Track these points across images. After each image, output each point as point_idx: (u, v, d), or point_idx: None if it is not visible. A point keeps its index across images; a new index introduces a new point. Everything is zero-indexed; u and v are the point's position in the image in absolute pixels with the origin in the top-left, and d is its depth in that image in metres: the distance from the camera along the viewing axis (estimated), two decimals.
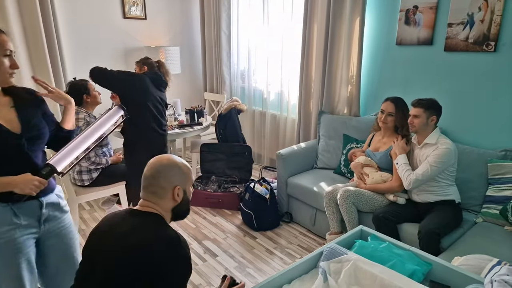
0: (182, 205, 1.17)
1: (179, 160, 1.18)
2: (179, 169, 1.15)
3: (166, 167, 1.14)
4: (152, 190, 1.13)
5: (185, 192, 1.17)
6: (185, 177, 1.17)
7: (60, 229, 1.46)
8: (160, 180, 1.12)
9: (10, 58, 1.25)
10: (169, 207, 1.15)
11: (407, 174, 2.14)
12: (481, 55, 2.30)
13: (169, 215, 1.16)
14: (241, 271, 2.31)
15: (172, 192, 1.13)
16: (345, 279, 1.24)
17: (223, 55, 4.20)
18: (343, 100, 3.07)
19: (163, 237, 1.04)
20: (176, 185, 1.13)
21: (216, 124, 3.48)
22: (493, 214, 2.09)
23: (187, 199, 1.19)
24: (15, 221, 1.29)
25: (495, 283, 1.03)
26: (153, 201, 1.13)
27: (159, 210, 1.13)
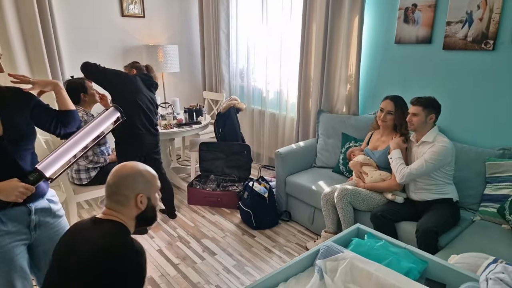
0: (147, 212, 1.18)
1: (143, 167, 1.19)
2: (142, 176, 1.16)
3: (128, 175, 1.14)
4: (115, 198, 1.14)
5: (149, 199, 1.18)
6: (149, 184, 1.17)
7: (53, 235, 1.42)
8: (122, 188, 1.13)
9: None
10: (133, 215, 1.16)
11: (401, 168, 2.14)
12: (479, 53, 2.29)
13: (133, 222, 1.17)
14: (239, 270, 2.32)
15: (135, 200, 1.14)
16: (341, 277, 1.24)
17: (222, 54, 4.20)
18: (342, 99, 3.07)
19: (120, 245, 1.05)
20: (138, 192, 1.14)
21: (215, 123, 3.48)
22: (491, 212, 2.09)
23: (152, 206, 1.20)
24: (2, 228, 1.25)
25: (490, 281, 1.03)
26: (116, 210, 1.14)
27: (122, 218, 1.14)
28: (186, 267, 2.34)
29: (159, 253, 2.49)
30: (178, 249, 2.54)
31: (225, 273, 2.29)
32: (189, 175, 3.87)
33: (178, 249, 2.54)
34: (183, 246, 2.59)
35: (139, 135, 2.60)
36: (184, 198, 3.33)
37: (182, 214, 3.06)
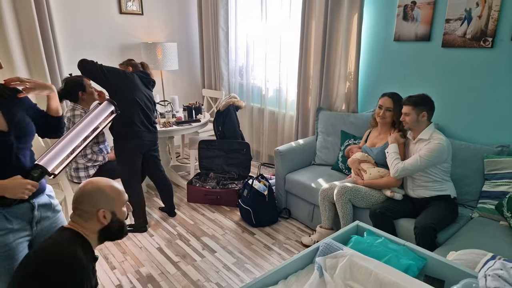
0: (111, 226, 1.22)
1: (105, 183, 1.22)
2: (103, 193, 1.20)
3: (89, 191, 1.20)
4: (78, 213, 1.20)
5: (114, 213, 1.22)
6: (111, 200, 1.21)
7: (53, 229, 1.42)
8: (84, 204, 1.19)
9: None
10: (96, 229, 1.21)
11: (396, 163, 2.16)
12: (478, 51, 2.30)
13: (95, 236, 1.21)
14: (239, 267, 2.33)
15: (97, 215, 1.18)
16: (341, 275, 1.24)
17: (221, 51, 4.19)
18: (341, 97, 3.07)
19: (60, 255, 1.10)
20: (100, 208, 1.18)
21: (214, 121, 3.48)
22: (489, 209, 2.10)
23: (117, 220, 1.23)
24: (7, 226, 1.26)
25: (489, 277, 1.04)
26: (79, 223, 1.20)
27: (83, 231, 1.19)
28: (186, 265, 2.35)
29: (158, 251, 2.50)
30: (178, 247, 2.55)
31: (225, 270, 2.30)
32: (189, 173, 3.88)
33: (178, 247, 2.55)
34: (182, 244, 2.60)
35: (137, 133, 2.60)
36: (184, 196, 3.34)
37: (182, 212, 3.06)
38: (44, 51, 3.24)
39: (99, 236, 1.22)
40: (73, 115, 2.53)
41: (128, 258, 2.41)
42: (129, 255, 2.45)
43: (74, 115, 2.53)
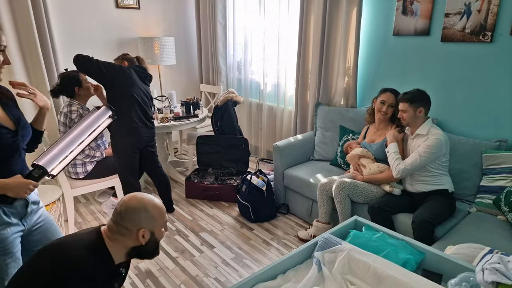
0: (148, 246, 1.18)
1: (152, 201, 1.18)
2: (147, 212, 1.15)
3: (134, 209, 1.14)
4: (117, 228, 1.15)
5: (153, 233, 1.18)
6: (154, 220, 1.17)
7: (41, 222, 1.46)
8: (126, 222, 1.14)
9: (2, 53, 1.24)
10: (130, 245, 1.16)
11: (397, 163, 2.16)
12: (477, 45, 2.29)
13: (124, 251, 1.17)
14: (238, 262, 2.33)
15: (137, 234, 1.14)
16: (339, 269, 1.25)
17: (219, 46, 4.17)
18: (340, 92, 3.06)
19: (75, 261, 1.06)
20: (141, 227, 1.14)
21: (212, 116, 3.46)
22: (487, 204, 2.11)
23: (155, 240, 1.19)
24: (6, 220, 1.28)
25: (486, 271, 1.04)
26: (114, 235, 1.15)
27: (112, 245, 1.14)
28: (185, 260, 2.35)
29: None
30: (177, 243, 2.55)
31: (223, 265, 2.30)
32: (187, 169, 3.87)
33: (176, 243, 2.55)
34: (181, 239, 2.60)
35: (135, 129, 2.58)
36: (182, 192, 3.34)
37: (180, 208, 3.06)
38: (40, 46, 3.21)
39: (130, 252, 1.17)
40: (70, 110, 2.52)
41: None
42: None
43: (71, 110, 2.51)
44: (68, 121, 2.51)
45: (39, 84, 3.31)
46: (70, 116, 2.50)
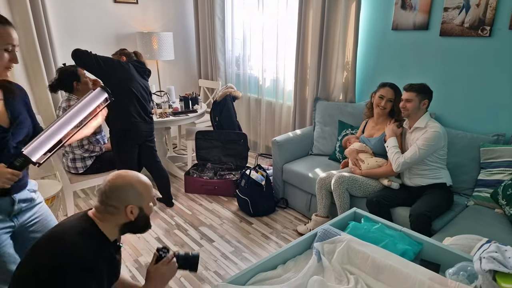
0: (138, 221, 1.18)
1: (135, 178, 1.18)
2: (133, 188, 1.15)
3: (119, 187, 1.14)
4: (104, 207, 1.15)
5: (141, 209, 1.18)
6: (141, 196, 1.17)
7: (37, 219, 1.45)
8: (112, 200, 1.13)
9: (11, 52, 1.21)
10: (120, 222, 1.17)
11: (396, 157, 2.17)
12: (476, 40, 2.30)
13: (116, 229, 1.17)
14: (237, 256, 2.34)
15: (125, 211, 1.14)
16: (338, 259, 1.26)
17: (218, 41, 4.16)
18: (339, 86, 3.07)
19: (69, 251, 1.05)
20: (128, 204, 1.14)
21: (211, 112, 3.46)
22: (484, 197, 2.12)
23: (144, 215, 1.19)
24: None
25: (484, 259, 1.05)
26: (103, 215, 1.15)
27: (104, 225, 1.14)
28: None
29: (157, 241, 2.51)
30: (176, 237, 2.56)
31: (223, 259, 2.31)
32: (186, 164, 3.87)
33: (176, 237, 2.56)
34: (181, 233, 2.61)
35: (134, 124, 2.58)
36: (181, 187, 3.34)
37: (180, 203, 3.07)
38: (38, 41, 3.20)
39: (122, 228, 1.18)
40: (69, 105, 2.51)
41: (127, 248, 2.42)
42: (128, 244, 2.46)
43: (70, 105, 2.51)
44: None
45: (37, 79, 3.30)
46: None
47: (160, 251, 1.24)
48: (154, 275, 1.22)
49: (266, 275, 1.24)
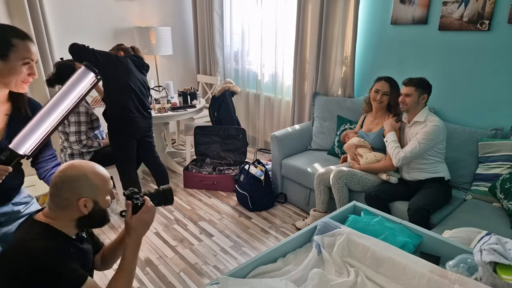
0: (92, 216, 1.09)
1: (91, 169, 1.09)
2: (87, 180, 1.06)
3: (71, 178, 1.05)
4: (55, 200, 1.06)
5: (96, 202, 1.09)
6: (96, 188, 1.08)
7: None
8: (64, 191, 1.05)
9: (30, 67, 1.21)
10: (74, 217, 1.08)
11: (396, 152, 2.18)
12: (475, 34, 2.29)
13: (72, 224, 1.09)
14: (236, 250, 2.35)
15: (77, 204, 1.05)
16: (339, 252, 1.26)
17: (216, 36, 4.13)
18: (338, 81, 3.06)
19: (26, 250, 0.99)
20: (81, 197, 1.05)
21: (210, 107, 3.45)
22: (482, 191, 2.13)
23: (100, 209, 1.10)
24: None
25: (484, 251, 1.06)
26: (55, 212, 1.07)
27: (56, 223, 1.07)
28: (184, 249, 2.36)
29: (156, 236, 2.51)
30: (175, 232, 2.56)
31: (222, 254, 2.32)
32: (185, 159, 3.87)
33: (175, 232, 2.56)
34: (180, 228, 2.61)
35: (132, 119, 2.57)
36: (180, 182, 3.34)
37: (179, 198, 3.07)
38: (35, 35, 3.17)
39: (78, 224, 1.10)
40: None
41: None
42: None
43: None
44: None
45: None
46: None
47: (133, 199, 1.15)
48: (137, 225, 1.14)
49: (266, 268, 1.24)
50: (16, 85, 1.22)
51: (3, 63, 1.17)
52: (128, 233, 1.15)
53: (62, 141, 2.62)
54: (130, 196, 1.15)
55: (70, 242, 1.09)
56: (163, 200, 1.22)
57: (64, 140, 2.59)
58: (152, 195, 1.20)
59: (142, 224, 1.15)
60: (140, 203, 1.15)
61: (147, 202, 1.16)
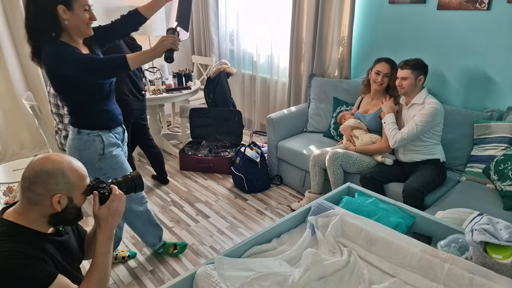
0: (66, 213, 1.04)
1: (69, 164, 1.04)
2: (64, 177, 1.01)
3: (46, 173, 0.99)
4: (27, 195, 1.00)
5: (71, 199, 1.04)
6: (72, 185, 1.03)
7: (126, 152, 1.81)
8: (37, 186, 0.99)
9: (89, 12, 1.48)
10: (45, 214, 1.03)
11: (394, 133, 2.17)
12: (474, 13, 2.25)
13: (44, 220, 1.03)
14: (232, 231, 2.38)
15: (51, 200, 1.00)
16: (332, 232, 1.28)
17: (211, 16, 4.04)
18: (334, 62, 3.02)
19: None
20: (56, 193, 1.00)
21: (205, 89, 3.41)
22: (477, 173, 2.15)
23: (74, 207, 1.05)
24: (117, 142, 1.72)
25: (475, 231, 1.07)
26: (25, 207, 1.02)
27: (25, 221, 1.01)
28: (180, 230, 2.39)
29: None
30: (172, 213, 2.58)
31: (218, 234, 2.34)
32: (180, 142, 3.85)
33: (171, 213, 2.58)
34: (176, 210, 2.62)
35: (126, 101, 2.53)
36: (176, 164, 3.34)
37: (175, 180, 3.07)
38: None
39: (50, 220, 1.04)
40: None
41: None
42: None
43: None
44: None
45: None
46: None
47: (99, 189, 1.10)
48: (106, 216, 1.09)
49: (261, 248, 1.26)
50: (85, 28, 1.49)
51: (71, 13, 1.43)
52: (99, 225, 1.10)
53: (56, 123, 2.59)
54: (96, 186, 1.10)
55: (44, 238, 1.04)
56: (132, 187, 1.19)
57: (58, 122, 2.56)
58: (120, 183, 1.17)
59: (112, 213, 1.10)
60: (107, 192, 1.10)
61: (115, 190, 1.12)
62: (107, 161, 1.65)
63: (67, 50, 1.43)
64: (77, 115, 1.61)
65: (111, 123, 1.68)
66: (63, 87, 1.56)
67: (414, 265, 1.12)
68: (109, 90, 1.65)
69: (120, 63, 1.46)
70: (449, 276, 1.05)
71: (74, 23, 1.45)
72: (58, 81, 1.53)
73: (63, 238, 1.13)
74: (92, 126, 1.62)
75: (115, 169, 1.68)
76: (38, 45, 1.46)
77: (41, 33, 1.43)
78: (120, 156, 1.71)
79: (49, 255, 1.03)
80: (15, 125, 3.42)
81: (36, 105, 2.47)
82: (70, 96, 1.58)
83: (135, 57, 1.47)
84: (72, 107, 1.61)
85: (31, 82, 3.35)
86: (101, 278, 1.07)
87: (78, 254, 1.19)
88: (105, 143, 1.64)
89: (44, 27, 1.42)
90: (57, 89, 1.58)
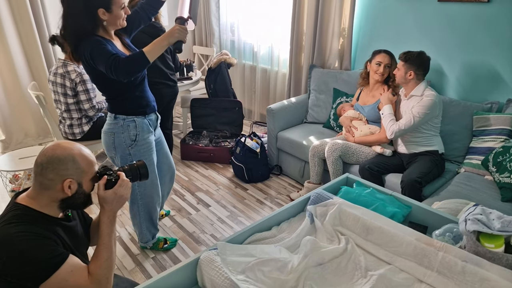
0: (75, 198, 1.09)
1: (79, 151, 1.08)
2: (74, 162, 1.06)
3: (58, 159, 1.04)
4: (39, 180, 1.05)
5: (80, 185, 1.09)
6: (81, 171, 1.08)
7: (160, 138, 1.93)
8: (49, 172, 1.04)
9: (124, 9, 1.59)
10: (57, 198, 1.08)
11: (391, 124, 2.19)
12: (474, 5, 2.25)
13: (55, 204, 1.08)
14: (233, 220, 2.42)
15: (62, 185, 1.05)
16: (330, 221, 1.31)
17: (212, 6, 4.02)
18: (335, 53, 3.03)
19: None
20: (66, 178, 1.05)
21: (206, 79, 3.42)
22: (475, 164, 2.17)
23: (83, 192, 1.10)
24: (151, 130, 1.82)
25: (469, 221, 1.11)
26: (37, 192, 1.06)
27: (38, 206, 1.06)
28: (182, 218, 2.43)
29: None
30: (173, 202, 2.62)
31: (219, 223, 2.39)
32: (182, 132, 3.88)
33: (173, 202, 2.62)
34: (178, 198, 2.66)
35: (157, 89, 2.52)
36: (177, 154, 3.37)
37: (176, 169, 3.09)
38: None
39: (61, 205, 1.09)
40: (67, 71, 2.46)
41: (126, 212, 2.48)
42: (126, 208, 2.51)
43: (68, 71, 2.46)
44: (68, 81, 2.46)
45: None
46: (69, 76, 2.46)
47: (106, 174, 1.15)
48: (112, 199, 1.14)
49: (261, 235, 1.29)
50: (120, 22, 1.60)
51: (110, 14, 1.54)
52: (102, 207, 1.15)
53: (60, 112, 2.61)
54: (103, 173, 1.15)
55: (55, 222, 1.09)
56: (138, 176, 1.23)
57: (62, 111, 2.58)
58: (126, 171, 1.21)
59: (118, 198, 1.14)
60: (113, 179, 1.15)
61: (122, 176, 1.17)
62: (138, 148, 1.76)
63: (100, 48, 1.50)
64: (114, 102, 1.72)
65: (146, 109, 1.77)
66: (100, 80, 1.65)
67: (409, 253, 1.16)
68: (143, 77, 1.75)
69: (139, 58, 1.50)
70: (443, 263, 1.09)
71: (112, 21, 1.57)
72: (96, 74, 1.62)
73: (72, 223, 1.17)
74: (128, 112, 1.72)
75: (143, 156, 1.77)
76: (76, 42, 1.55)
77: (79, 32, 1.53)
78: (150, 144, 1.81)
79: (60, 237, 1.08)
80: (20, 114, 3.44)
81: (42, 95, 2.49)
82: (107, 87, 1.69)
83: (151, 49, 1.51)
84: (110, 96, 1.72)
85: (35, 72, 3.38)
86: (108, 256, 1.13)
87: (84, 240, 1.24)
88: (138, 129, 1.74)
89: (83, 27, 1.52)
90: (95, 81, 1.69)
